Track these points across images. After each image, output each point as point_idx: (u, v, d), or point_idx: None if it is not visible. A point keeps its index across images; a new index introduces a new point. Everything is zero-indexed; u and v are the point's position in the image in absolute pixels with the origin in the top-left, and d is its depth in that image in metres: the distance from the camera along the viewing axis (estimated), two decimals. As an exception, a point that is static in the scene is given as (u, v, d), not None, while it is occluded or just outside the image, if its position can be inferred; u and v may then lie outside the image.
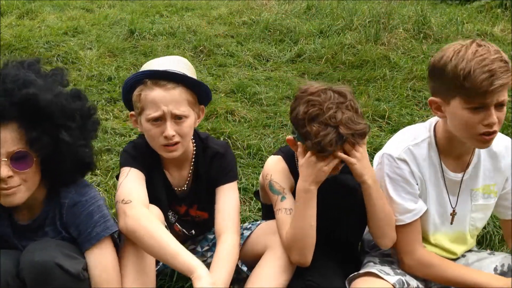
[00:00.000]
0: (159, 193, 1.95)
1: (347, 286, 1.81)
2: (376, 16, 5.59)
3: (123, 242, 1.78)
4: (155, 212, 1.85)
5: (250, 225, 2.04)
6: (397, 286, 1.73)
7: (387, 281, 1.74)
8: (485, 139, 1.67)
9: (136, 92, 1.83)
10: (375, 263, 1.90)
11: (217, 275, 1.68)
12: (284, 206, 1.85)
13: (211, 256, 2.04)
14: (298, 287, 1.80)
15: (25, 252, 1.58)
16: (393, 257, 1.93)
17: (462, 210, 1.89)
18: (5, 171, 1.52)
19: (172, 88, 1.78)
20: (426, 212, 1.85)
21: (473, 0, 7.12)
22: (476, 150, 1.85)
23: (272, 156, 2.01)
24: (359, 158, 1.71)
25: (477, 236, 2.26)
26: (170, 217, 2.02)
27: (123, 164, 1.89)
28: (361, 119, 1.73)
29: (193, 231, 2.08)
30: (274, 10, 6.36)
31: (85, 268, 1.63)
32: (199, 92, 1.89)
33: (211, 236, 2.11)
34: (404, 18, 5.70)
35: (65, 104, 1.61)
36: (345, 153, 1.71)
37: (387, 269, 1.84)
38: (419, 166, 1.82)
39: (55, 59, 4.73)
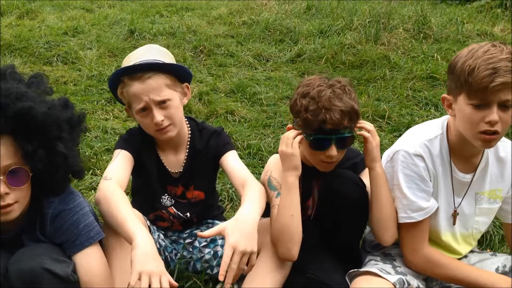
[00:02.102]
0: (151, 174, 2.01)
1: (348, 282, 1.81)
2: (376, 16, 5.59)
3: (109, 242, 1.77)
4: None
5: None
6: (398, 285, 1.73)
7: (388, 280, 1.73)
8: (485, 138, 1.67)
9: (118, 91, 1.92)
10: (376, 261, 1.90)
11: (248, 207, 1.71)
12: (278, 202, 1.85)
13: (209, 253, 2.06)
14: (299, 282, 1.81)
15: (12, 261, 1.55)
16: (395, 255, 1.94)
17: (466, 212, 1.89)
18: (3, 188, 1.48)
19: (147, 78, 1.84)
20: (437, 209, 1.85)
21: (473, 0, 7.12)
22: (485, 154, 1.85)
23: (275, 154, 2.02)
24: (377, 143, 1.83)
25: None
26: (165, 200, 2.05)
27: (115, 147, 1.98)
28: (352, 101, 1.78)
29: (188, 214, 2.09)
30: (274, 10, 6.36)
31: (75, 270, 1.60)
32: (176, 73, 1.93)
33: (209, 232, 2.11)
34: (404, 18, 5.70)
35: (59, 115, 1.58)
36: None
37: (388, 267, 1.84)
38: (434, 162, 1.82)
39: (55, 59, 4.73)
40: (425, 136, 1.84)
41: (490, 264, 1.93)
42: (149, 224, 1.97)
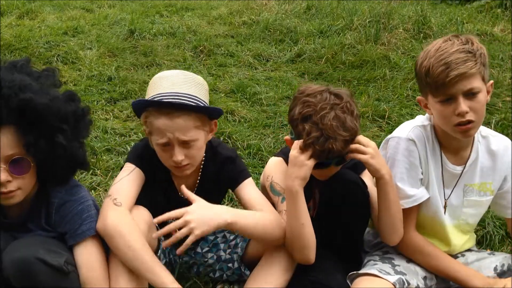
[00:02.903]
0: (161, 194, 1.96)
1: (348, 283, 1.82)
2: (376, 16, 5.59)
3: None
4: (143, 215, 1.81)
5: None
6: (398, 286, 1.74)
7: (388, 281, 1.74)
8: (461, 129, 1.73)
9: (142, 118, 1.82)
10: (375, 261, 1.91)
11: (232, 209, 1.78)
12: (285, 207, 1.85)
13: (212, 257, 2.05)
14: (301, 284, 1.81)
15: (7, 250, 1.58)
16: (393, 253, 1.95)
17: (453, 204, 1.92)
18: (4, 176, 1.54)
19: (176, 117, 1.72)
20: (429, 199, 1.88)
21: (473, 0, 7.12)
22: (475, 146, 1.89)
23: (273, 157, 2.02)
24: (373, 154, 1.73)
25: (477, 236, 2.26)
26: (170, 221, 2.01)
27: (130, 159, 1.88)
28: (354, 122, 1.73)
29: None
30: (274, 10, 6.36)
31: (70, 262, 1.61)
32: (207, 112, 1.83)
33: (211, 237, 2.11)
34: (404, 18, 5.70)
35: (61, 107, 1.62)
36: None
37: (387, 267, 1.85)
38: (426, 147, 1.86)
39: (55, 59, 4.73)
40: (415, 123, 1.90)
41: (489, 263, 1.94)
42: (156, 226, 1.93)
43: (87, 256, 1.67)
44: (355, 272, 1.83)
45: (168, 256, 2.02)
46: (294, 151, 1.75)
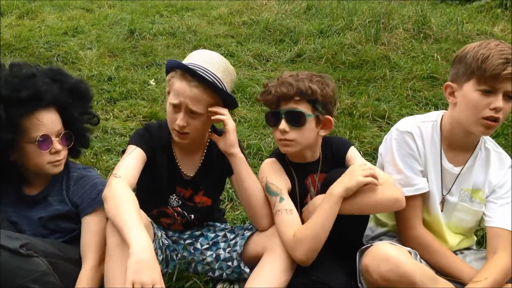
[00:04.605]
0: (163, 173, 2.01)
1: (357, 258, 1.86)
2: (376, 16, 5.59)
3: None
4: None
5: (251, 226, 2.05)
6: (413, 254, 1.78)
7: (403, 247, 1.78)
8: (488, 124, 1.78)
9: (168, 76, 1.94)
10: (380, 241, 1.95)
11: None
12: (284, 207, 1.86)
13: (211, 256, 2.06)
14: (303, 283, 1.81)
15: None
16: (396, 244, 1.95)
17: (449, 203, 1.96)
18: (59, 146, 1.88)
19: (194, 86, 1.84)
20: (428, 193, 1.92)
21: (473, 0, 7.12)
22: (475, 153, 1.93)
23: (267, 159, 2.03)
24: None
25: (477, 236, 2.27)
26: (172, 200, 2.05)
27: (130, 141, 1.96)
28: (311, 83, 1.85)
29: (192, 215, 2.09)
30: (274, 10, 6.36)
31: (31, 248, 1.66)
32: (224, 97, 1.92)
33: (211, 235, 2.12)
34: (404, 18, 5.70)
35: (88, 88, 2.03)
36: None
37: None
38: (424, 142, 1.92)
39: (55, 59, 4.73)
40: (419, 119, 1.97)
41: None
42: (151, 221, 1.96)
43: (93, 224, 1.88)
44: (367, 245, 1.84)
45: (165, 252, 2.03)
46: (356, 164, 1.84)
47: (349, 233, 1.91)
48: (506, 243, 1.84)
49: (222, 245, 2.07)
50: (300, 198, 1.98)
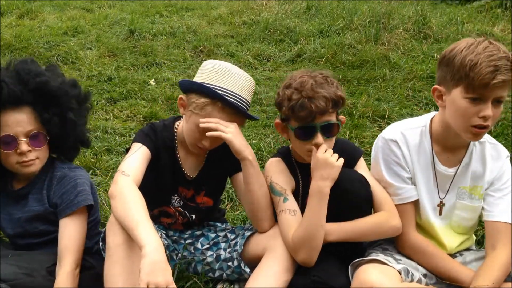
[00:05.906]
0: (166, 173, 2.01)
1: (349, 272, 1.83)
2: (376, 16, 5.59)
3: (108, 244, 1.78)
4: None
5: (252, 226, 2.05)
6: (403, 273, 1.75)
7: (393, 267, 1.75)
8: (476, 132, 1.74)
9: (201, 101, 1.85)
10: (377, 253, 1.92)
11: None
12: (287, 207, 1.86)
13: (211, 256, 2.06)
14: (303, 283, 1.81)
15: None
16: (392, 250, 1.96)
17: (447, 205, 1.94)
18: (25, 146, 1.86)
19: (233, 117, 1.87)
20: (419, 200, 1.92)
21: (473, 0, 7.12)
22: (469, 149, 1.92)
23: (271, 158, 2.03)
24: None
25: (477, 236, 2.26)
26: (174, 200, 2.06)
27: (135, 139, 1.95)
28: (335, 89, 1.81)
29: (193, 216, 2.10)
30: (274, 10, 6.36)
31: None
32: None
33: (212, 235, 2.12)
34: (404, 18, 5.70)
35: (69, 90, 1.96)
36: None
37: (390, 259, 1.86)
38: (410, 150, 1.90)
39: (55, 59, 4.73)
40: (405, 126, 1.94)
41: None
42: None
43: (72, 227, 1.87)
44: (359, 259, 1.83)
45: (165, 252, 2.02)
46: (321, 153, 1.79)
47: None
48: (505, 239, 1.82)
49: (222, 245, 2.07)
50: (303, 197, 1.98)
